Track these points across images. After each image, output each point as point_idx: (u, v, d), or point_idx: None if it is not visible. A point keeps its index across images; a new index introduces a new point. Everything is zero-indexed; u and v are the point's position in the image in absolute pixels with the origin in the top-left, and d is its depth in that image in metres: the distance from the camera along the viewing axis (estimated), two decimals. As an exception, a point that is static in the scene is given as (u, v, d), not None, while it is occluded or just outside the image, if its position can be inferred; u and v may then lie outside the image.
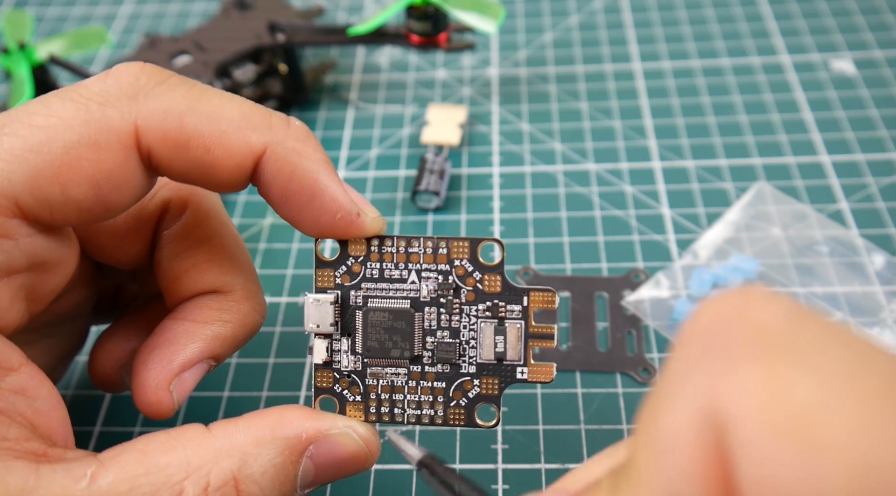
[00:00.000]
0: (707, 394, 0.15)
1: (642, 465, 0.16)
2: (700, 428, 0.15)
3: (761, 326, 0.16)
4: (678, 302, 0.38)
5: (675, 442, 0.16)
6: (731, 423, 0.15)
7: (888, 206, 0.42)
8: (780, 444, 0.14)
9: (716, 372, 0.15)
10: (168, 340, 0.27)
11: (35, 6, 0.65)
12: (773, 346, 0.15)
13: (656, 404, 0.17)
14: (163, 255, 0.29)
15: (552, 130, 0.49)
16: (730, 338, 0.16)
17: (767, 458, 0.14)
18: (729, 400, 0.15)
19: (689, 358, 0.16)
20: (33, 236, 0.24)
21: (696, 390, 0.16)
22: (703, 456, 0.15)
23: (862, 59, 0.52)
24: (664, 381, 0.17)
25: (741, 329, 0.16)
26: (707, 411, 0.15)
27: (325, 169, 0.25)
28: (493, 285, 0.26)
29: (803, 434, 0.14)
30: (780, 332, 0.15)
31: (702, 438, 0.15)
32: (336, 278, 0.27)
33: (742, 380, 0.15)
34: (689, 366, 0.16)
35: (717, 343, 0.16)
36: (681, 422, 0.16)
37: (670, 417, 0.16)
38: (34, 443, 0.22)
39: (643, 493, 0.16)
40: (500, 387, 0.26)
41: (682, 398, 0.16)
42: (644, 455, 0.16)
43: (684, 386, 0.16)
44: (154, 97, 0.24)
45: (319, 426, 0.25)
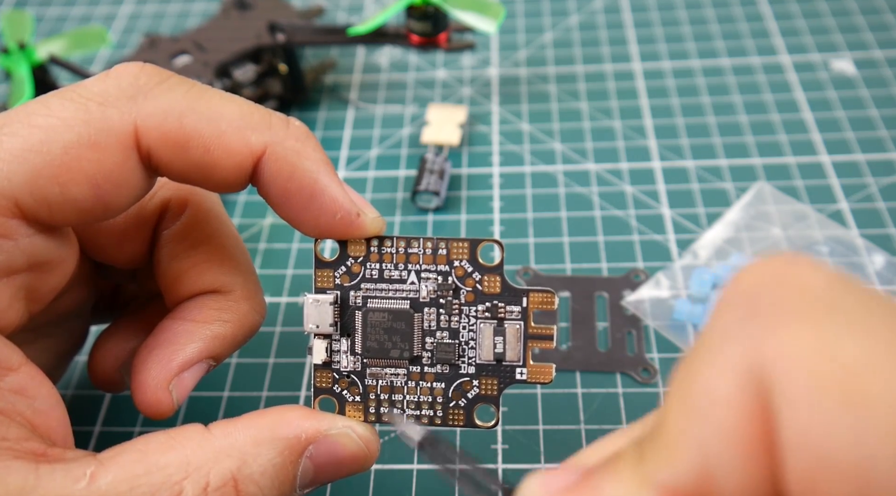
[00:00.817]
0: (751, 353, 0.15)
1: (674, 429, 0.16)
2: (742, 387, 0.15)
3: (806, 287, 0.16)
4: (678, 302, 0.38)
5: (714, 402, 0.15)
6: (777, 382, 0.14)
7: (888, 205, 0.42)
8: (828, 402, 0.14)
9: (761, 331, 0.15)
10: (167, 340, 0.27)
11: (35, 6, 0.65)
12: (819, 306, 0.15)
13: (693, 366, 0.16)
14: (162, 255, 0.29)
15: (552, 130, 0.49)
16: (774, 298, 0.16)
17: (814, 416, 0.14)
18: (775, 358, 0.15)
19: (730, 319, 0.16)
20: (33, 236, 0.24)
21: (739, 350, 0.15)
22: (745, 415, 0.15)
23: (862, 59, 0.52)
24: (702, 344, 0.17)
25: (786, 290, 0.16)
26: (751, 370, 0.15)
27: (324, 169, 0.25)
28: (493, 286, 0.26)
29: (851, 391, 0.14)
30: (825, 294, 0.15)
31: (744, 397, 0.15)
32: (336, 278, 0.27)
33: (789, 338, 0.15)
34: (730, 326, 0.16)
35: (762, 303, 0.16)
36: (722, 382, 0.15)
37: (710, 378, 0.16)
38: (33, 443, 0.22)
39: (676, 458, 0.16)
40: (499, 387, 0.26)
41: (724, 358, 0.16)
42: (677, 418, 0.16)
43: (726, 346, 0.16)
44: (154, 97, 0.24)
45: (319, 426, 0.25)
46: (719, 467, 0.15)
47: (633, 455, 0.17)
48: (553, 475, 0.19)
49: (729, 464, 0.15)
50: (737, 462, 0.15)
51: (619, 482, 0.17)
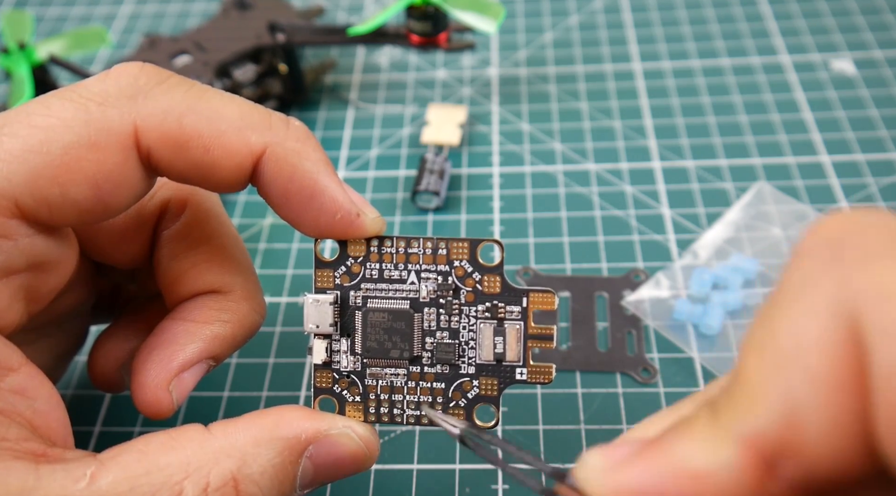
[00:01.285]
0: (841, 292, 0.15)
1: (755, 379, 0.16)
2: (834, 327, 0.15)
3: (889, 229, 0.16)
4: (678, 302, 0.38)
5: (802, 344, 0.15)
6: (871, 316, 0.14)
7: (888, 206, 0.42)
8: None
9: (850, 271, 0.15)
10: (167, 340, 0.27)
11: (35, 6, 0.65)
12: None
13: (774, 312, 0.16)
14: (162, 255, 0.29)
15: (552, 130, 0.49)
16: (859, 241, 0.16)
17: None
18: (868, 292, 0.15)
19: (813, 264, 0.16)
20: (33, 236, 0.24)
21: (827, 291, 0.15)
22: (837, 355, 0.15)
23: (862, 59, 0.52)
24: (782, 292, 0.16)
25: (870, 233, 0.16)
26: (842, 310, 0.15)
27: (324, 169, 0.25)
28: (493, 286, 0.26)
29: None
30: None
31: (836, 337, 0.15)
32: (335, 279, 0.27)
33: (880, 272, 0.15)
34: (814, 270, 0.16)
35: (845, 247, 0.16)
36: (811, 324, 0.15)
37: (796, 321, 0.15)
38: (34, 444, 0.22)
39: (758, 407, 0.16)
40: (499, 387, 0.26)
41: (811, 300, 0.15)
42: (759, 367, 0.16)
43: (812, 289, 0.16)
44: (153, 97, 0.24)
45: (319, 426, 0.25)
46: (806, 412, 0.15)
47: (706, 414, 0.17)
48: (614, 447, 0.18)
49: (817, 407, 0.15)
50: (825, 405, 0.15)
51: (694, 439, 0.17)
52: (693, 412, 0.18)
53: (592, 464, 0.18)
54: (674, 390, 0.35)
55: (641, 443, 0.18)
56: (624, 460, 0.18)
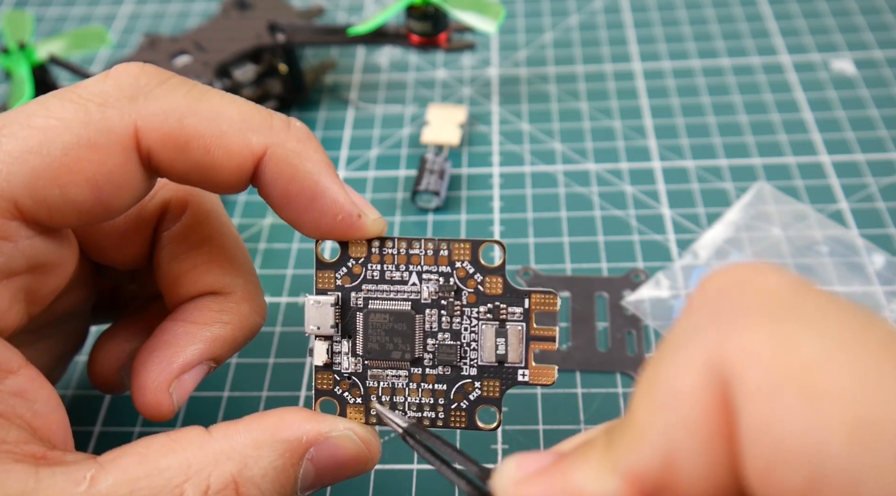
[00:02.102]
0: (714, 349, 0.16)
1: (641, 419, 0.17)
2: (705, 381, 0.16)
3: (768, 291, 0.17)
4: (678, 302, 0.38)
5: (678, 394, 0.16)
6: (737, 376, 0.15)
7: (888, 205, 0.42)
8: (784, 394, 0.15)
9: (724, 329, 0.16)
10: (168, 342, 0.27)
11: (35, 6, 0.64)
12: (779, 308, 0.16)
13: (660, 361, 0.17)
14: (162, 257, 0.29)
15: (552, 130, 0.49)
16: (738, 300, 0.17)
17: (771, 408, 0.15)
18: (736, 354, 0.16)
19: (696, 319, 0.17)
20: (32, 238, 0.24)
21: (703, 346, 0.16)
22: (707, 407, 0.16)
23: (862, 59, 0.52)
24: (669, 341, 0.17)
25: (749, 293, 0.17)
26: (713, 365, 0.16)
27: (325, 170, 0.25)
28: (495, 287, 0.26)
29: (807, 385, 0.15)
30: (786, 297, 0.16)
31: (706, 391, 0.16)
32: (336, 280, 0.27)
33: (750, 335, 0.16)
34: (695, 325, 0.17)
35: (725, 305, 0.17)
36: (686, 376, 0.16)
37: (675, 371, 0.17)
38: (33, 446, 0.22)
39: (641, 445, 0.17)
40: (501, 389, 0.26)
41: (689, 353, 0.17)
42: (644, 409, 0.17)
43: (691, 343, 0.17)
44: (154, 98, 0.24)
45: (320, 428, 0.25)
46: (681, 454, 0.16)
47: (602, 442, 0.19)
48: (529, 457, 0.20)
49: (690, 451, 0.16)
50: (698, 450, 0.16)
51: (588, 466, 0.18)
52: (595, 436, 0.19)
53: (506, 473, 0.20)
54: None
55: (553, 459, 0.19)
56: (531, 475, 0.19)
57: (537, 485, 0.19)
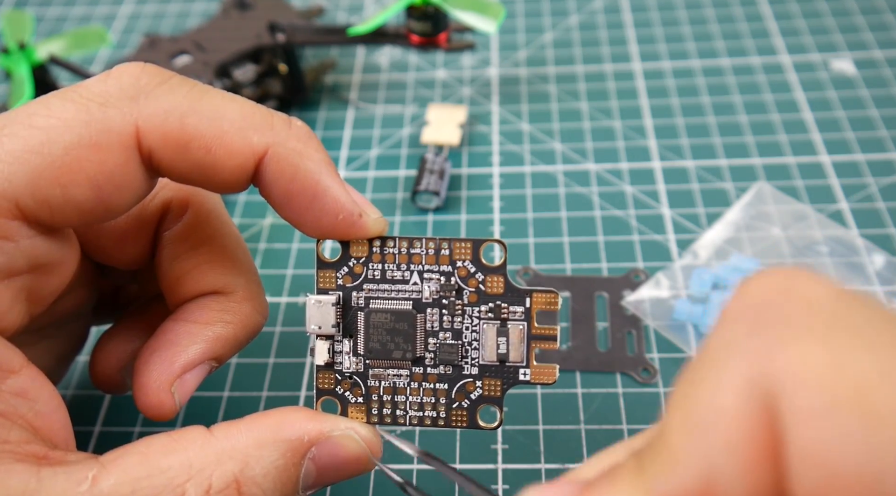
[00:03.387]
0: (758, 367, 0.15)
1: (677, 442, 0.16)
2: (749, 400, 0.15)
3: (811, 302, 0.16)
4: (678, 302, 0.38)
5: (719, 415, 0.15)
6: (786, 395, 0.14)
7: (888, 205, 0.42)
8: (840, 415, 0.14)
9: (769, 345, 0.15)
10: (169, 342, 0.27)
11: (35, 6, 0.64)
12: (827, 321, 0.15)
13: (696, 379, 0.16)
14: (164, 256, 0.29)
15: (552, 130, 0.49)
16: (782, 311, 0.16)
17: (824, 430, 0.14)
18: (785, 372, 0.15)
19: (734, 333, 0.16)
20: (34, 238, 0.24)
21: (745, 363, 0.15)
22: (751, 428, 0.15)
23: (862, 59, 0.52)
24: (705, 357, 0.16)
25: (792, 304, 0.16)
26: (758, 384, 0.15)
27: (327, 170, 0.25)
28: (496, 286, 0.26)
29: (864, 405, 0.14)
30: (833, 308, 0.15)
31: (750, 410, 0.15)
32: (338, 279, 0.27)
33: (799, 352, 0.15)
34: (735, 340, 0.16)
35: (768, 318, 0.16)
36: (728, 395, 0.15)
37: (715, 391, 0.16)
38: (35, 446, 0.22)
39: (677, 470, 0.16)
40: (502, 388, 0.26)
41: (730, 372, 0.16)
42: (680, 431, 0.16)
43: (731, 359, 0.16)
44: (155, 98, 0.24)
45: (321, 428, 0.25)
46: (722, 479, 0.15)
47: (632, 467, 0.17)
48: (548, 489, 0.19)
49: (732, 476, 0.15)
50: (741, 474, 0.15)
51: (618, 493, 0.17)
52: (622, 461, 0.18)
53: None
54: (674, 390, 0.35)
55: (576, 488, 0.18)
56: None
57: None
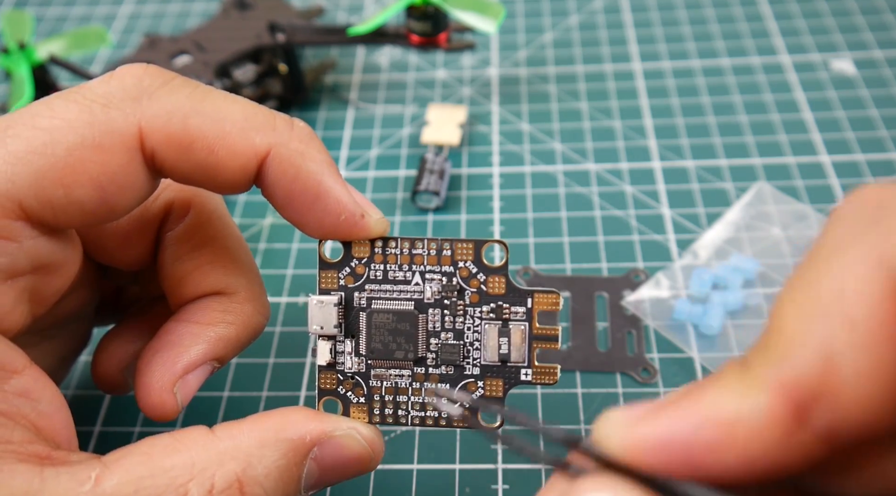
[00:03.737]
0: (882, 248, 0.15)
1: (792, 326, 0.16)
2: (874, 280, 0.15)
3: None
4: (678, 302, 0.38)
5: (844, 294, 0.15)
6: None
7: (888, 206, 0.42)
8: None
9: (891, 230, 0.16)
10: (171, 342, 0.27)
11: (35, 6, 0.64)
12: None
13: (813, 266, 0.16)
14: (166, 257, 0.29)
15: (552, 130, 0.49)
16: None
17: None
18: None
19: (854, 223, 0.17)
20: (37, 238, 0.24)
21: (868, 246, 0.16)
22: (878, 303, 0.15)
23: (862, 59, 0.52)
24: (821, 250, 0.17)
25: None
26: (883, 264, 0.15)
27: (328, 170, 0.25)
28: (497, 287, 0.26)
29: None
30: None
31: (876, 289, 0.15)
32: (339, 280, 0.27)
33: None
34: (855, 229, 0.16)
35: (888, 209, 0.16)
36: (852, 275, 0.16)
37: (837, 273, 0.16)
38: (38, 446, 0.22)
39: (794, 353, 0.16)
40: (504, 388, 0.26)
41: (852, 256, 0.16)
42: (797, 315, 0.16)
43: (853, 245, 0.16)
44: (158, 99, 0.24)
45: (323, 428, 0.25)
46: (845, 360, 0.15)
47: (736, 367, 0.17)
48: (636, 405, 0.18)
49: (856, 356, 0.15)
50: (865, 354, 0.15)
51: (723, 389, 0.16)
52: (724, 370, 0.17)
53: (615, 419, 0.17)
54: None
55: (665, 401, 0.17)
56: (648, 413, 0.17)
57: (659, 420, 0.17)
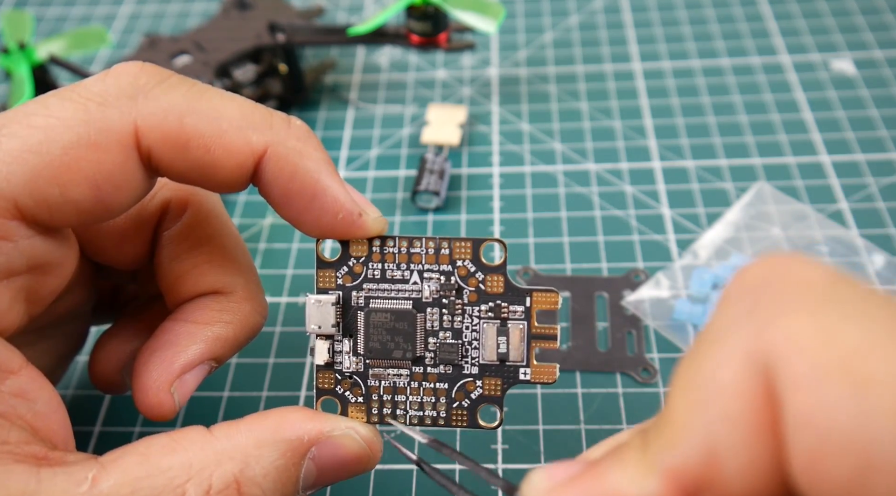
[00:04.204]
0: (756, 341, 0.16)
1: (680, 415, 0.17)
2: (748, 372, 0.16)
3: (805, 282, 0.16)
4: (678, 302, 0.38)
5: (720, 387, 0.16)
6: (782, 364, 0.15)
7: (888, 206, 0.42)
8: (831, 382, 0.14)
9: (765, 321, 0.16)
10: (169, 342, 0.27)
11: (35, 6, 0.64)
12: (819, 297, 0.16)
13: (698, 355, 0.17)
14: (163, 256, 0.29)
15: (552, 130, 0.49)
16: (777, 291, 0.16)
17: (817, 396, 0.14)
18: (780, 343, 0.15)
19: (735, 310, 0.17)
20: (33, 238, 0.23)
21: (744, 337, 0.16)
22: (750, 399, 0.16)
23: (862, 59, 0.52)
24: (707, 334, 0.17)
25: (789, 283, 0.17)
26: (756, 355, 0.16)
27: (326, 169, 0.25)
28: (496, 286, 0.26)
29: (853, 372, 0.14)
30: (825, 287, 0.16)
31: (749, 382, 0.16)
32: (337, 279, 0.27)
33: (792, 325, 0.15)
34: (735, 317, 0.17)
35: (765, 296, 0.16)
36: (728, 368, 0.16)
37: (716, 364, 0.16)
38: (35, 447, 0.22)
39: (681, 442, 0.16)
40: (502, 387, 0.26)
41: (729, 347, 0.16)
42: (683, 404, 0.17)
43: (731, 334, 0.16)
44: (154, 97, 0.24)
45: (321, 427, 0.24)
46: (724, 449, 0.16)
47: (637, 443, 0.18)
48: (557, 466, 0.19)
49: (734, 445, 0.16)
50: (742, 443, 0.16)
51: (624, 468, 0.18)
52: (628, 438, 0.19)
53: (536, 483, 0.19)
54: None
55: (584, 465, 0.19)
56: (564, 482, 0.19)
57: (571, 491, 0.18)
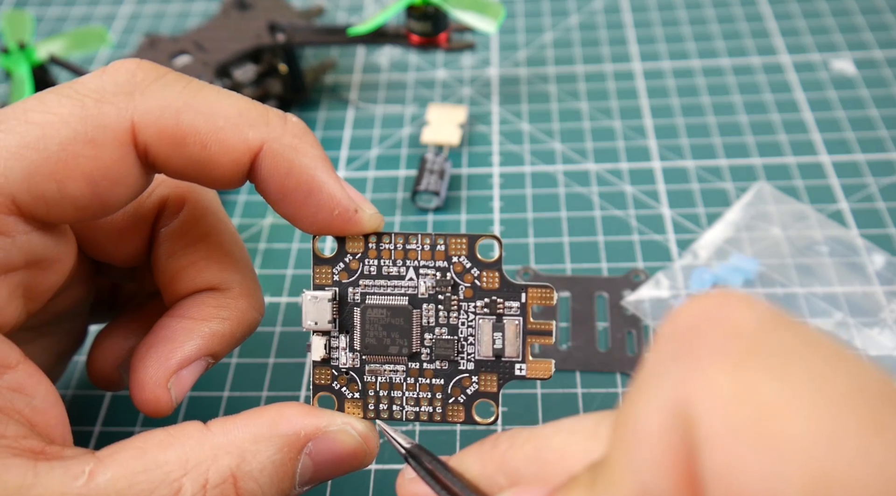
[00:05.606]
0: (677, 391, 0.16)
1: (615, 459, 0.17)
2: (669, 424, 0.16)
3: (734, 328, 0.16)
4: (678, 302, 0.38)
5: (645, 437, 0.16)
6: (698, 419, 0.15)
7: (888, 205, 0.42)
8: (742, 441, 0.14)
9: (687, 370, 0.16)
10: (166, 338, 0.27)
11: (35, 6, 0.65)
12: (742, 348, 0.16)
13: (630, 401, 0.17)
14: (160, 253, 0.29)
15: (552, 130, 0.49)
16: (703, 338, 0.16)
17: (729, 454, 0.14)
18: (696, 397, 0.15)
19: (663, 357, 0.17)
20: (30, 233, 0.24)
21: (666, 387, 0.16)
22: (671, 451, 0.15)
23: (862, 59, 0.52)
24: (639, 380, 0.17)
25: (714, 330, 0.16)
26: (676, 408, 0.15)
27: (322, 165, 0.25)
28: (492, 282, 0.26)
29: (764, 432, 0.14)
30: (752, 335, 0.16)
31: (670, 434, 0.16)
32: (334, 275, 0.27)
33: (710, 378, 0.15)
34: (662, 364, 0.16)
35: (691, 343, 0.16)
36: (651, 418, 0.16)
37: (642, 413, 0.16)
38: (32, 441, 0.22)
39: (617, 487, 0.17)
40: (498, 383, 0.26)
41: (653, 395, 0.16)
42: (617, 451, 0.17)
43: (656, 383, 0.16)
44: (150, 93, 0.24)
45: (318, 423, 0.25)
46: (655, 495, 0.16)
47: (586, 481, 0.18)
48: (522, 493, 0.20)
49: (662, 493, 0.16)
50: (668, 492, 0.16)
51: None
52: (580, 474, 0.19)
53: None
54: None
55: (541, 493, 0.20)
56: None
57: None
